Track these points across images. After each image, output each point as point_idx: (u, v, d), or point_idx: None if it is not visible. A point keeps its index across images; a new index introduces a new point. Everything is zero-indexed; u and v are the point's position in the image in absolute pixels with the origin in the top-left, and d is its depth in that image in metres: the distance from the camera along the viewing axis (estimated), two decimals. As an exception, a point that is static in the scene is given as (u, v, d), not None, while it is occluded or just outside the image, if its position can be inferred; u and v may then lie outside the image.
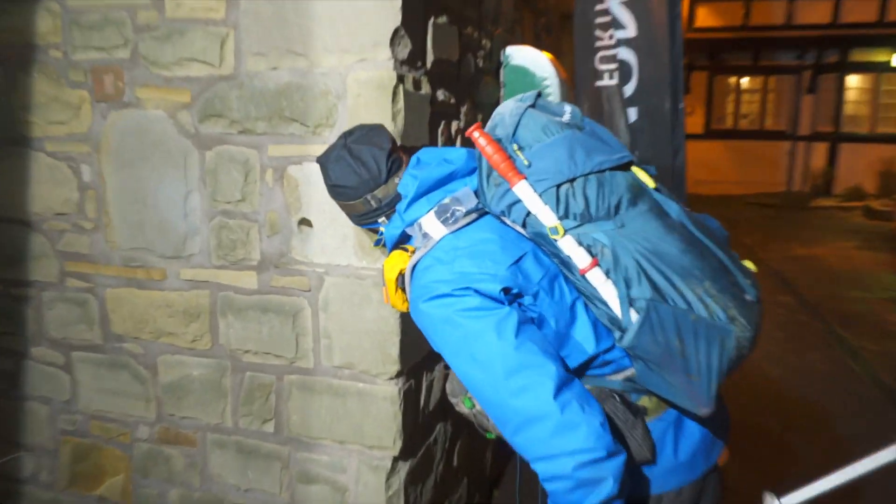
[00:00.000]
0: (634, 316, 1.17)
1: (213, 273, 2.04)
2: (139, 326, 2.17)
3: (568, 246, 1.20)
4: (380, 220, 1.41)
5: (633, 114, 3.12)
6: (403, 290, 1.34)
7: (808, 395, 4.14)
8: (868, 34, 13.06)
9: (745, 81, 14.36)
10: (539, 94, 1.34)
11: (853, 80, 14.00)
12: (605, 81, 3.24)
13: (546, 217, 1.20)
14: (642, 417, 1.28)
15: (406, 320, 1.91)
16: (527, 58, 2.81)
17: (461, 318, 1.18)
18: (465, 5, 2.41)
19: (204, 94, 1.95)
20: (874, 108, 13.80)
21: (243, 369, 2.07)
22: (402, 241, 1.39)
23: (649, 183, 1.28)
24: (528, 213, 1.22)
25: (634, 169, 1.29)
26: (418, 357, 2.06)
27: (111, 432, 2.28)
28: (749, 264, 1.29)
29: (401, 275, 1.33)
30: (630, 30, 3.06)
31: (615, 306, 1.19)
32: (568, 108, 1.32)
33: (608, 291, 1.19)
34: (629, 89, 3.09)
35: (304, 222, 1.92)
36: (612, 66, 3.14)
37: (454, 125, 2.30)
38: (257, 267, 1.99)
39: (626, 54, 3.05)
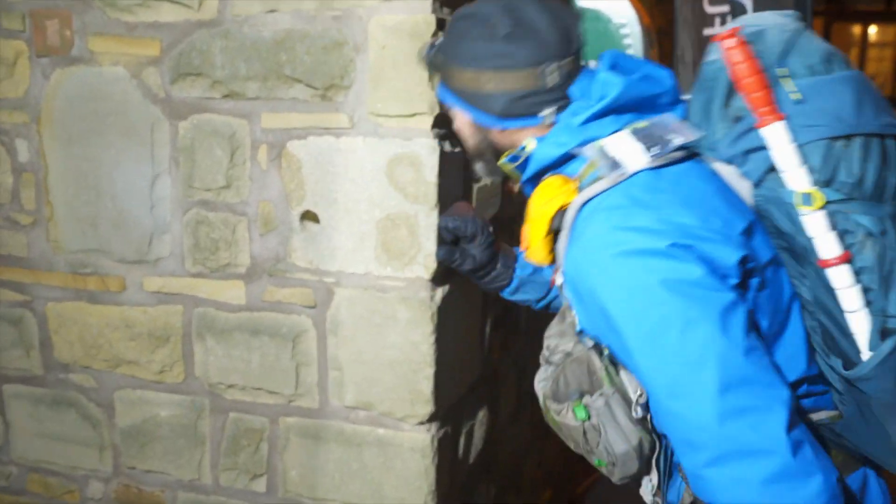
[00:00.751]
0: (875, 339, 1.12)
1: (188, 283, 2.01)
2: (90, 353, 2.14)
3: (816, 225, 1.12)
4: (542, 114, 1.29)
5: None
6: (556, 234, 1.24)
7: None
8: None
9: (873, 32, 14.01)
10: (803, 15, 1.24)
11: None
12: (717, 28, 3.20)
13: (798, 178, 1.13)
14: None
15: (443, 346, 1.85)
16: (599, -2, 2.79)
17: (670, 294, 1.08)
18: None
19: (178, 46, 1.91)
20: None
21: (226, 409, 2.05)
22: (553, 167, 1.29)
23: None
24: (771, 168, 1.15)
25: None
26: (457, 395, 2.01)
27: (55, 490, 2.27)
28: None
29: (561, 211, 1.22)
30: None
31: (856, 321, 1.12)
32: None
33: (851, 299, 1.12)
34: (743, 40, 3.05)
35: (309, 216, 1.88)
36: (724, 7, 3.09)
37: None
38: (246, 275, 1.96)
39: None
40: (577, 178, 1.24)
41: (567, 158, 1.26)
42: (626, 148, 1.19)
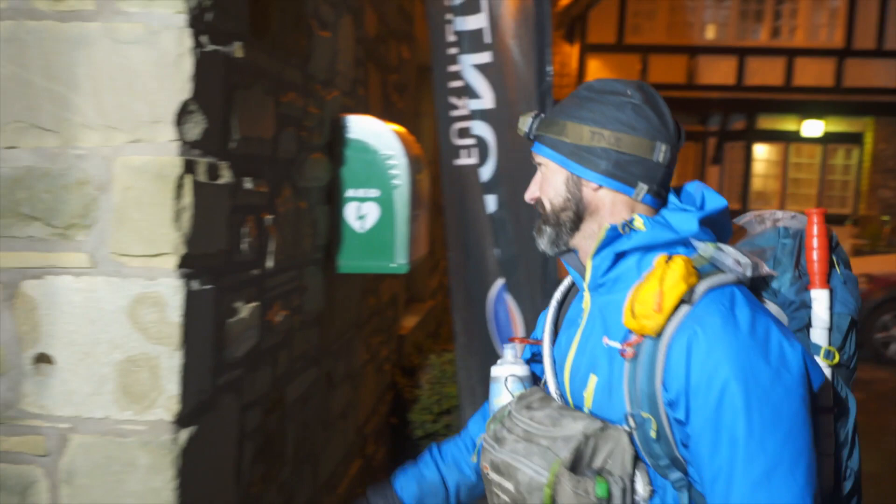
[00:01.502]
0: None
1: None
2: None
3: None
4: (638, 186, 1.44)
5: (491, 202, 3.12)
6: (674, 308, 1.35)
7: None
8: (775, 99, 14.71)
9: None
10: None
11: (761, 151, 15.60)
12: (464, 160, 3.24)
13: (824, 337, 1.44)
14: None
15: (188, 490, 1.81)
16: (367, 130, 2.82)
17: (788, 395, 1.28)
18: (285, 66, 2.44)
19: None
20: (782, 184, 15.42)
21: (-58, 572, 1.86)
22: (651, 248, 1.43)
23: None
24: (809, 322, 1.44)
25: None
26: (206, 540, 1.95)
27: None
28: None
29: (691, 289, 1.35)
30: (486, 99, 3.06)
31: (828, 460, 1.42)
32: None
33: (830, 443, 1.43)
34: (486, 172, 3.09)
35: (44, 359, 1.81)
36: (470, 141, 3.14)
37: (267, 220, 2.28)
38: (-30, 423, 1.83)
39: (482, 129, 3.06)
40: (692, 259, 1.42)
41: (667, 244, 1.43)
42: (742, 257, 1.41)
